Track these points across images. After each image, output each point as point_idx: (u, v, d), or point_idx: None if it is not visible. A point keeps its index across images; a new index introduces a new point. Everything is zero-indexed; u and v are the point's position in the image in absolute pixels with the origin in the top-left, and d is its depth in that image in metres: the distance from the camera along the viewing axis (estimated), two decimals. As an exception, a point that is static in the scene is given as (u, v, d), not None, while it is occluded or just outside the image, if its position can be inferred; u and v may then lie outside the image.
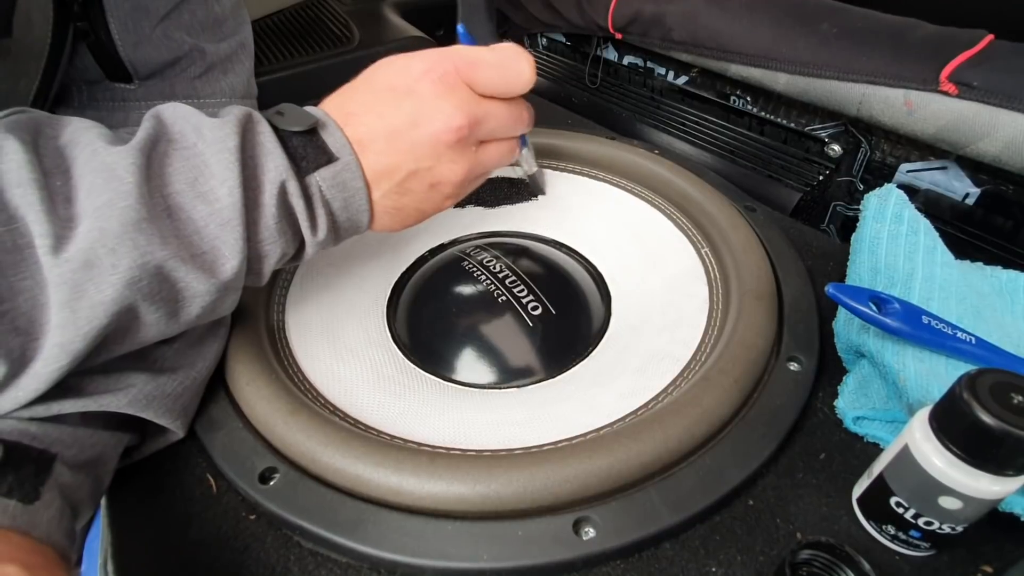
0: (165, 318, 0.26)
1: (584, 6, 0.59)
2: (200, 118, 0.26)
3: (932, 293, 0.32)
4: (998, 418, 0.21)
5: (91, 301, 0.23)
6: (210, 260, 0.25)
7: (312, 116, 0.28)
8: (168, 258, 0.24)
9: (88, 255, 0.22)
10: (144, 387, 0.28)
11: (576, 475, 0.26)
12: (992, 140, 0.37)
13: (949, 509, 0.23)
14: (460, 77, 0.29)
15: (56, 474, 0.24)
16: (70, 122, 0.25)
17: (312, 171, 0.27)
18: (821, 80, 0.44)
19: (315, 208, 0.28)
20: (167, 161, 0.25)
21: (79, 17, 0.34)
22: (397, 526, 0.26)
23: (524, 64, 0.30)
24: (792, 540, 0.27)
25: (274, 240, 0.27)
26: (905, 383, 0.28)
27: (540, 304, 0.38)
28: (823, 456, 0.30)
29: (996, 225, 0.41)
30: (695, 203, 0.43)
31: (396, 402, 0.33)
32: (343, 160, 0.28)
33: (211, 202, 0.25)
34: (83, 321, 0.23)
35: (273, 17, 0.72)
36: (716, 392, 0.30)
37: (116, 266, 0.23)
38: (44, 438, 0.25)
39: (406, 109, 0.28)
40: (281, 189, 0.26)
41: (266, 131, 0.27)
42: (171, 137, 0.26)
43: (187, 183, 0.25)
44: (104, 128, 0.26)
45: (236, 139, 0.25)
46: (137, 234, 0.23)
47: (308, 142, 0.27)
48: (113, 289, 0.23)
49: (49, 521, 0.23)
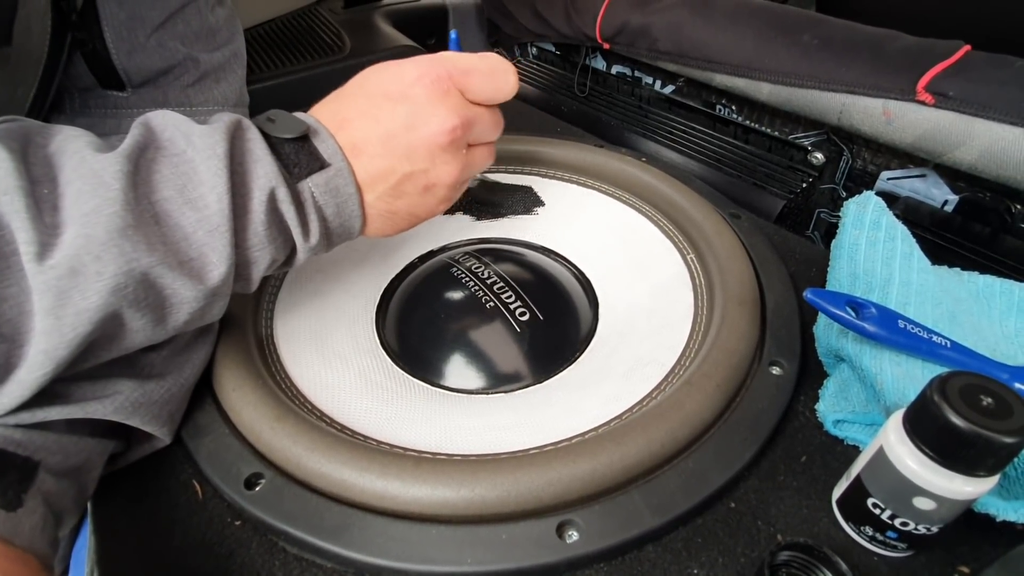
0: (152, 324, 0.26)
1: (573, 16, 0.60)
2: (189, 125, 0.27)
3: (909, 298, 0.33)
4: (968, 420, 0.21)
5: (76, 308, 0.23)
6: (198, 267, 0.26)
7: (303, 123, 0.28)
8: (155, 264, 0.24)
9: (73, 262, 0.22)
10: (131, 394, 0.28)
11: (560, 479, 0.27)
12: (968, 148, 0.38)
13: (923, 510, 0.24)
14: (453, 83, 0.30)
15: (39, 481, 0.24)
16: (60, 130, 0.26)
17: (304, 177, 0.28)
18: (803, 90, 0.45)
19: (307, 214, 0.28)
20: (155, 168, 0.25)
21: (76, 26, 0.35)
22: (382, 531, 0.26)
23: (511, 74, 0.32)
24: (772, 542, 0.27)
25: (263, 247, 0.27)
26: (883, 386, 0.29)
27: (528, 310, 0.38)
28: (804, 459, 0.30)
29: (974, 231, 0.42)
30: (681, 210, 0.43)
31: (383, 407, 0.34)
32: (335, 166, 0.28)
33: (199, 208, 0.25)
34: (68, 328, 0.23)
35: (266, 26, 0.73)
36: (699, 396, 0.30)
37: (101, 273, 0.23)
38: (28, 445, 0.24)
39: (401, 113, 0.29)
40: (270, 196, 0.27)
41: (255, 138, 0.27)
42: (160, 144, 0.26)
43: (175, 189, 0.25)
44: (93, 136, 0.26)
45: (224, 145, 0.26)
46: (123, 241, 0.23)
47: (300, 149, 0.28)
48: (98, 296, 0.23)
49: (32, 529, 0.23)
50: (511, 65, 0.31)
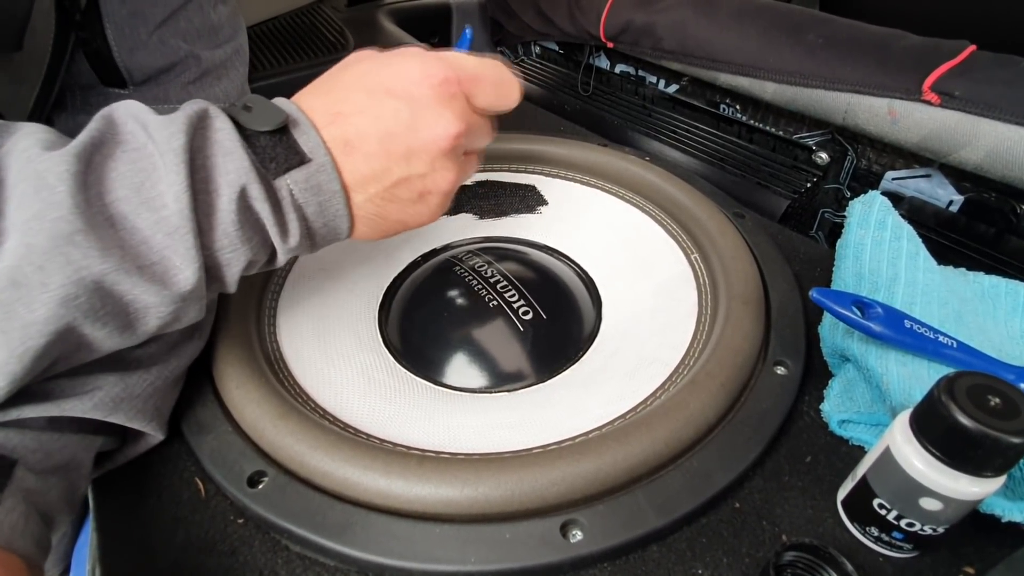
0: (117, 332, 0.24)
1: (576, 15, 0.59)
2: (149, 115, 0.24)
3: (915, 298, 0.32)
4: (975, 420, 0.21)
5: (22, 322, 0.21)
6: (160, 271, 0.24)
7: (282, 112, 0.26)
8: (109, 271, 0.22)
9: (14, 273, 0.21)
10: (112, 389, 0.26)
11: (564, 478, 0.27)
12: (974, 148, 0.38)
13: (930, 510, 0.24)
14: (460, 87, 0.28)
15: (18, 480, 0.23)
16: (17, 128, 0.24)
17: (281, 173, 0.25)
18: (808, 89, 0.45)
19: (285, 213, 0.26)
20: (111, 165, 0.23)
21: (80, 26, 0.34)
22: (385, 529, 0.26)
23: (516, 86, 0.31)
24: (777, 542, 0.27)
25: (235, 248, 0.25)
26: (888, 386, 0.29)
27: (531, 309, 0.38)
28: (809, 459, 0.30)
29: (979, 232, 0.42)
30: (685, 209, 0.43)
31: (386, 406, 0.34)
32: (317, 161, 0.26)
33: (157, 209, 0.23)
34: (16, 343, 0.21)
35: (268, 23, 0.72)
36: (703, 396, 0.30)
37: (47, 284, 0.21)
38: (5, 443, 0.24)
39: (404, 112, 0.27)
40: (241, 193, 0.24)
41: (225, 128, 0.25)
42: (120, 138, 0.24)
43: (132, 188, 0.23)
44: (51, 133, 0.24)
45: (183, 138, 0.23)
46: (70, 248, 0.21)
47: (278, 142, 0.25)
48: (45, 308, 0.21)
49: (11, 528, 0.22)
50: (515, 76, 0.31)
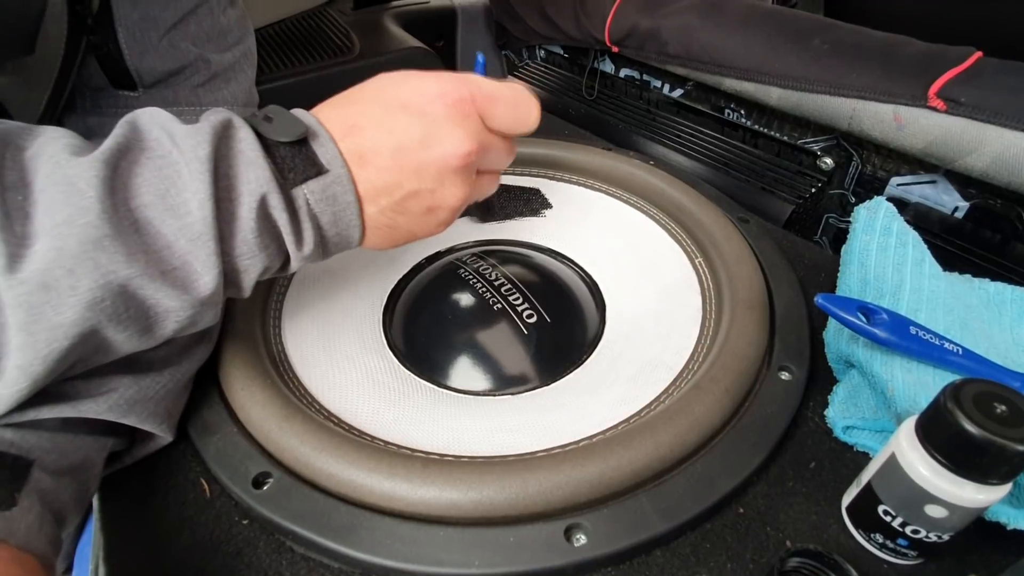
0: (137, 335, 0.25)
1: (582, 19, 0.60)
2: (175, 125, 0.25)
3: (920, 304, 0.32)
4: (981, 427, 0.21)
5: (49, 324, 0.22)
6: (182, 276, 0.24)
7: (302, 124, 0.27)
8: (134, 276, 0.23)
9: (44, 276, 0.21)
10: (126, 391, 0.27)
11: (568, 482, 0.27)
12: (980, 155, 0.38)
13: (935, 517, 0.24)
14: (475, 107, 0.29)
15: (35, 480, 0.24)
16: (43, 132, 0.24)
17: (299, 183, 0.26)
18: (813, 95, 0.45)
19: (301, 222, 0.27)
20: (136, 171, 0.24)
21: (92, 30, 0.35)
22: (389, 532, 0.26)
23: (535, 107, 0.30)
24: (782, 548, 0.27)
25: (253, 255, 0.26)
26: (893, 393, 0.29)
27: (535, 312, 0.38)
28: (813, 465, 0.30)
29: (984, 238, 0.42)
30: (689, 214, 0.43)
31: (391, 408, 0.34)
32: (334, 172, 0.26)
33: (181, 216, 0.24)
34: (42, 344, 0.22)
35: (275, 26, 0.73)
36: (707, 401, 0.30)
37: (75, 287, 0.22)
38: (21, 444, 0.24)
39: (417, 128, 0.28)
40: (261, 201, 0.25)
41: (248, 138, 0.25)
42: (145, 145, 0.25)
43: (157, 195, 0.24)
44: (75, 138, 0.25)
45: (208, 147, 0.24)
46: (98, 253, 0.22)
47: (297, 152, 0.26)
48: (73, 311, 0.22)
49: (28, 528, 0.22)
50: (535, 99, 0.30)
